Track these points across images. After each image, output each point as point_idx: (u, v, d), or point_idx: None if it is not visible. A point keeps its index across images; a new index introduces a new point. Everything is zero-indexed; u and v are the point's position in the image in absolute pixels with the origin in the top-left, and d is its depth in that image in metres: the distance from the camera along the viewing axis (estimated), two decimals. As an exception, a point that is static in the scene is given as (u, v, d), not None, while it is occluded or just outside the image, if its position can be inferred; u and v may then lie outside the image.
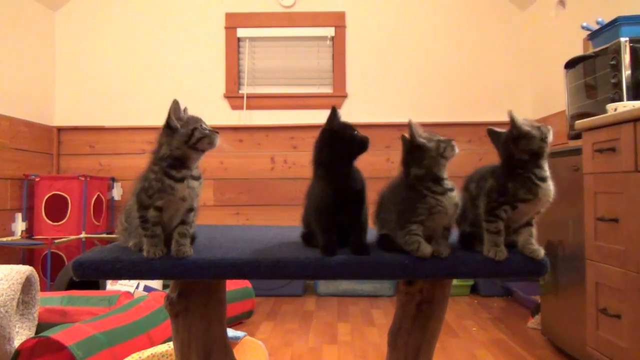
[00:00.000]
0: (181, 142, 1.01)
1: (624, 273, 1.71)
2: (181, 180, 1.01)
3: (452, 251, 1.04)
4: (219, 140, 1.04)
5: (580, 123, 1.99)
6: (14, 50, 3.57)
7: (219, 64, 4.08)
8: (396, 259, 1.03)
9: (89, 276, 1.04)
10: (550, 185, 1.02)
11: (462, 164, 1.16)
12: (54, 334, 1.83)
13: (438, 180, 1.03)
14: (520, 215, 1.03)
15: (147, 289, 2.87)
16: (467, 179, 1.14)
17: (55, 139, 4.02)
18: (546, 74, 3.73)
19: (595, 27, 2.39)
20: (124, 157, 4.01)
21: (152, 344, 2.08)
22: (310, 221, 1.17)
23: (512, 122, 1.03)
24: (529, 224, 1.05)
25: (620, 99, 2.03)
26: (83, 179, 3.53)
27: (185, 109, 1.06)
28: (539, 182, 1.01)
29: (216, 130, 1.04)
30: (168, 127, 1.02)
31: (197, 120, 1.04)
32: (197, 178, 1.05)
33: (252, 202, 4.01)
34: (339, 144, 1.09)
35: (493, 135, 1.08)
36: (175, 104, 1.02)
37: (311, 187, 1.15)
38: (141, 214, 1.03)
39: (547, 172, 1.02)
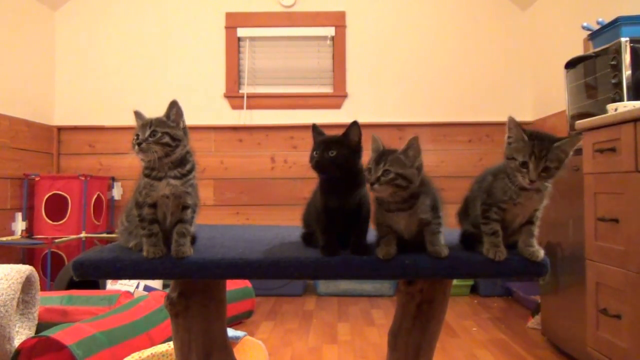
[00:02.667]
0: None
1: (624, 273, 1.71)
2: (159, 179, 1.03)
3: (449, 251, 1.04)
4: (139, 154, 1.03)
5: (580, 123, 1.99)
6: (14, 49, 3.57)
7: (219, 63, 4.08)
8: (396, 259, 1.03)
9: (89, 276, 1.04)
10: (534, 194, 1.00)
11: (462, 164, 1.16)
12: (54, 333, 1.83)
13: (387, 201, 1.03)
14: (512, 216, 1.03)
15: (147, 288, 2.87)
16: (474, 178, 1.14)
17: (55, 138, 4.02)
18: (546, 74, 3.73)
19: (596, 27, 2.39)
20: (124, 157, 4.01)
21: (152, 343, 2.08)
22: (311, 222, 1.17)
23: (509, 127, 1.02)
24: (529, 222, 1.04)
25: (621, 99, 2.03)
26: (83, 178, 3.53)
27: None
28: (515, 188, 1.00)
29: (139, 141, 1.02)
30: None
31: (138, 126, 1.05)
32: (180, 177, 1.05)
33: (252, 202, 4.01)
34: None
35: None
36: (134, 114, 1.08)
37: (316, 189, 1.16)
38: (138, 213, 1.05)
39: (528, 182, 0.96)
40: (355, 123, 1.07)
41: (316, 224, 1.12)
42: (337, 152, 1.04)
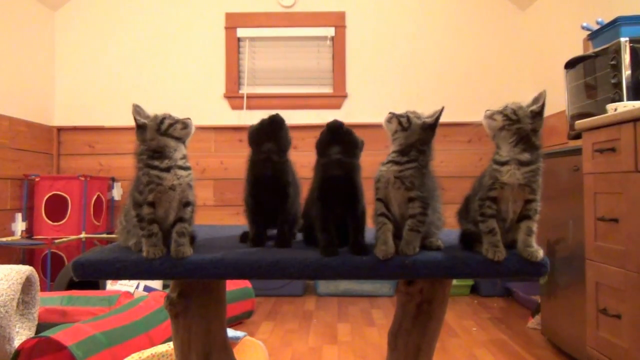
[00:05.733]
0: (153, 131, 1.04)
1: (624, 273, 1.71)
2: (167, 169, 1.03)
3: (418, 251, 1.04)
4: (193, 126, 1.09)
5: (580, 123, 1.99)
6: (14, 50, 3.57)
7: (219, 64, 4.08)
8: (396, 259, 1.03)
9: (89, 276, 1.04)
10: (516, 170, 1.00)
11: (462, 164, 1.17)
12: (54, 334, 1.83)
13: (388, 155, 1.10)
14: (505, 204, 1.02)
15: (147, 289, 2.87)
16: (476, 177, 1.14)
17: (55, 139, 4.02)
18: (546, 74, 3.73)
19: (595, 27, 2.39)
20: (124, 157, 4.01)
21: (152, 344, 2.08)
22: (309, 216, 1.18)
23: None
24: (527, 217, 1.03)
25: (621, 99, 2.03)
26: (83, 179, 3.53)
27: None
28: (496, 165, 1.02)
29: (188, 117, 1.08)
30: (138, 126, 1.06)
31: (164, 114, 1.07)
32: (185, 168, 1.06)
33: (252, 202, 4.00)
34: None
35: None
36: (135, 107, 1.07)
37: (311, 186, 1.17)
38: (137, 213, 1.05)
39: (506, 156, 1.02)
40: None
41: (314, 217, 1.13)
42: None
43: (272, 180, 1.18)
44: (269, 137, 1.19)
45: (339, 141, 1.10)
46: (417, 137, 1.08)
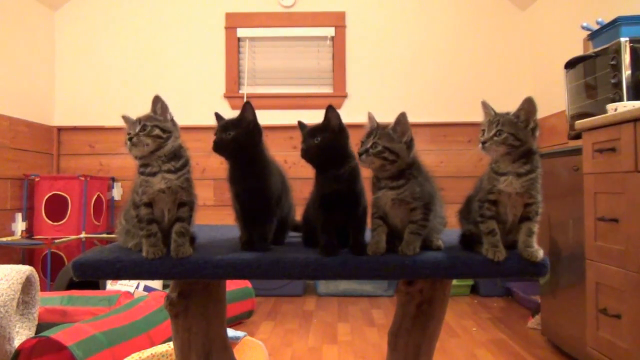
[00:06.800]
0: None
1: (624, 273, 1.71)
2: (153, 174, 1.05)
3: (419, 251, 1.04)
4: (129, 147, 1.05)
5: (580, 123, 1.99)
6: (14, 50, 3.57)
7: (219, 64, 4.08)
8: (396, 259, 1.03)
9: (89, 276, 1.04)
10: (514, 179, 1.00)
11: (461, 164, 1.17)
12: (54, 334, 1.83)
13: (377, 178, 1.07)
14: (504, 208, 1.03)
15: (147, 288, 2.87)
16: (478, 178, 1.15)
17: (55, 138, 4.02)
18: (546, 74, 3.73)
19: (595, 27, 2.39)
20: (124, 157, 4.00)
21: (152, 344, 2.08)
22: (310, 219, 1.19)
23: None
24: (527, 218, 1.03)
25: (621, 99, 2.03)
26: (83, 178, 3.53)
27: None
28: (495, 175, 1.03)
29: (130, 136, 1.04)
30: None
31: (131, 123, 1.06)
32: (174, 171, 1.06)
33: (252, 202, 4.00)
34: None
35: None
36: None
37: (312, 189, 1.18)
38: (136, 213, 1.06)
39: (504, 168, 1.01)
40: (330, 106, 1.09)
41: (315, 222, 1.13)
42: (321, 138, 1.06)
43: (255, 190, 1.14)
44: (239, 150, 1.12)
45: None
46: (408, 160, 1.05)
